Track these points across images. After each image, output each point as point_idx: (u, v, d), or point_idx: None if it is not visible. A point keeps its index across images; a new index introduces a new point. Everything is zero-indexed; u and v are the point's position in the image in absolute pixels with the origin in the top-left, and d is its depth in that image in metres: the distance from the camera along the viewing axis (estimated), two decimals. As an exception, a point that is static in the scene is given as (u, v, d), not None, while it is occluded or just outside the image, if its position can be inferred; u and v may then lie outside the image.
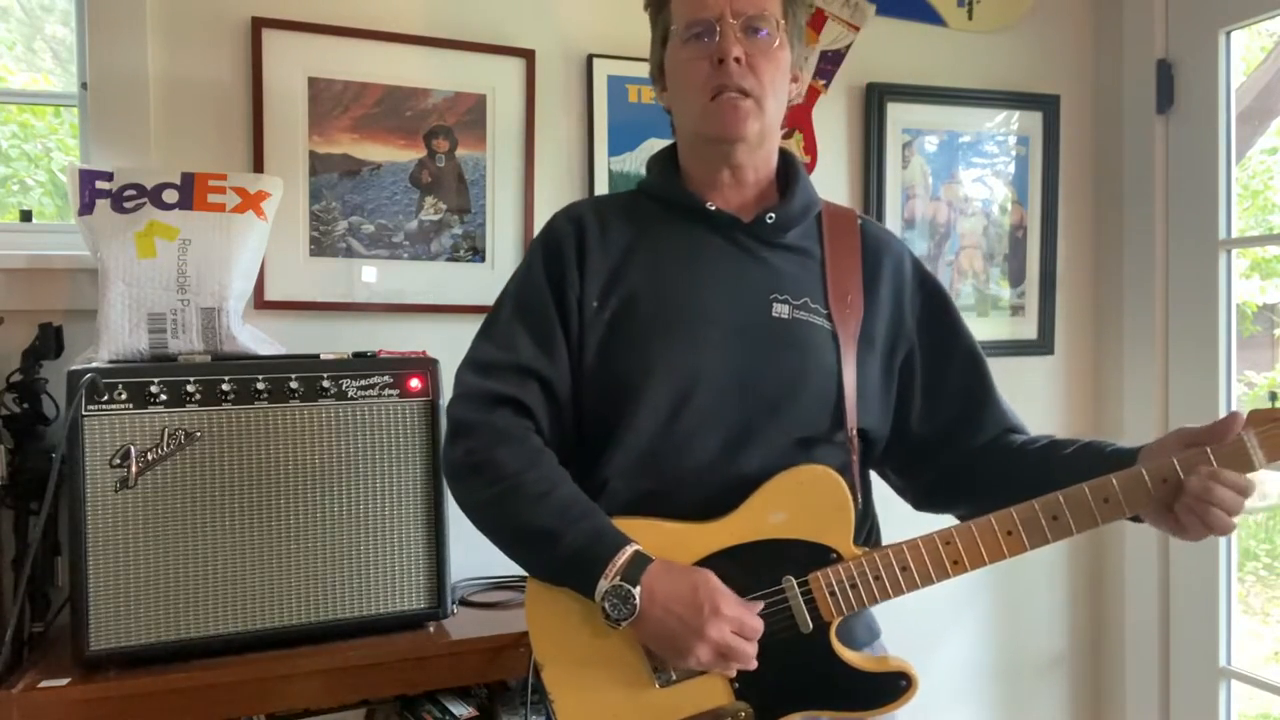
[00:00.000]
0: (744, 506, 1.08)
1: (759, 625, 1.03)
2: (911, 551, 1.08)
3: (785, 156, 1.25)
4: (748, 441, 1.11)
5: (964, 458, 1.24)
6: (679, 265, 1.16)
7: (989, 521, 1.08)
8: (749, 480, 1.09)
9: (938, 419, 1.24)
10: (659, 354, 1.11)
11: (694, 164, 1.21)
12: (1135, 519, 1.11)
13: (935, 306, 1.26)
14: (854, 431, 1.15)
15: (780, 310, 1.14)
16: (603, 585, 1.01)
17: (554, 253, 1.17)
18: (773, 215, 1.18)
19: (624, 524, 1.06)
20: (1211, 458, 1.04)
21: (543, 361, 1.13)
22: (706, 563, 1.06)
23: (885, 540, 1.19)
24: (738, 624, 1.02)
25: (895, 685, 1.07)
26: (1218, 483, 1.02)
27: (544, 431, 1.14)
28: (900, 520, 1.27)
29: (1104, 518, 1.07)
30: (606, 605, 1.01)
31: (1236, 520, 1.04)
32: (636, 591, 1.00)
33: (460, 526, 1.51)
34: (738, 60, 1.11)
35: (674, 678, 1.07)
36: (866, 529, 1.19)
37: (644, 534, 1.06)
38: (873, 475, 1.27)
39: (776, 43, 1.14)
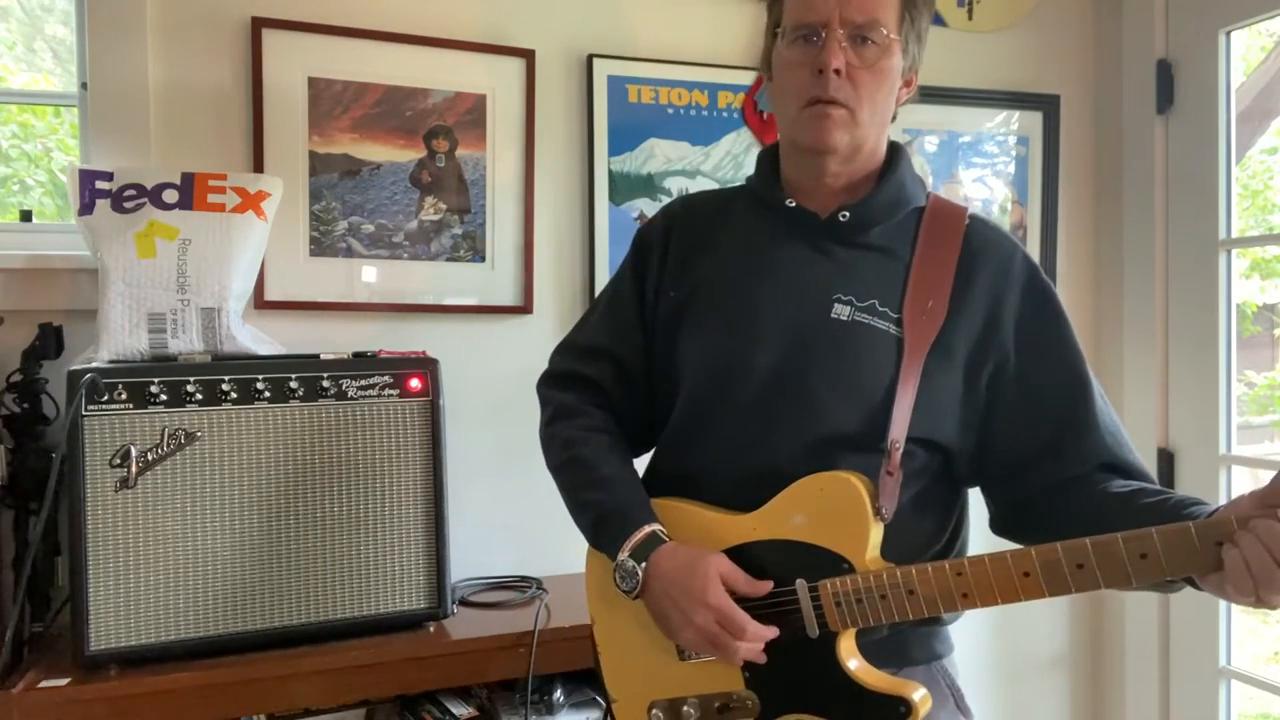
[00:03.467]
0: (772, 503, 1.08)
1: (744, 623, 1.02)
2: (920, 576, 1.00)
3: (895, 150, 1.19)
4: (779, 438, 1.10)
5: (1047, 489, 1.12)
6: (747, 260, 1.17)
7: (1005, 558, 0.97)
8: (779, 475, 1.07)
9: (1026, 439, 1.12)
10: (706, 343, 1.15)
11: (788, 165, 1.20)
12: (1193, 584, 0.93)
13: (1041, 315, 1.14)
14: (896, 443, 1.07)
15: (840, 311, 1.11)
16: (619, 558, 1.09)
17: (644, 249, 1.25)
18: (846, 213, 1.14)
19: (665, 504, 1.13)
20: None
21: (618, 343, 1.23)
22: (734, 552, 1.08)
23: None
24: (720, 615, 1.02)
25: (893, 710, 1.02)
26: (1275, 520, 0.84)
27: (617, 408, 1.22)
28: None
29: (1139, 576, 0.89)
30: (616, 576, 1.09)
31: None
32: (641, 568, 1.07)
33: (460, 527, 1.52)
34: (837, 72, 1.08)
35: (693, 654, 1.10)
36: (943, 545, 1.15)
37: (681, 516, 1.12)
38: (973, 493, 1.20)
39: (885, 52, 1.10)
